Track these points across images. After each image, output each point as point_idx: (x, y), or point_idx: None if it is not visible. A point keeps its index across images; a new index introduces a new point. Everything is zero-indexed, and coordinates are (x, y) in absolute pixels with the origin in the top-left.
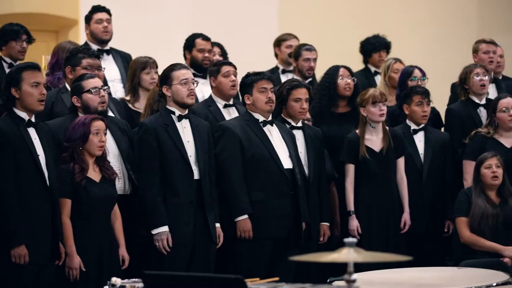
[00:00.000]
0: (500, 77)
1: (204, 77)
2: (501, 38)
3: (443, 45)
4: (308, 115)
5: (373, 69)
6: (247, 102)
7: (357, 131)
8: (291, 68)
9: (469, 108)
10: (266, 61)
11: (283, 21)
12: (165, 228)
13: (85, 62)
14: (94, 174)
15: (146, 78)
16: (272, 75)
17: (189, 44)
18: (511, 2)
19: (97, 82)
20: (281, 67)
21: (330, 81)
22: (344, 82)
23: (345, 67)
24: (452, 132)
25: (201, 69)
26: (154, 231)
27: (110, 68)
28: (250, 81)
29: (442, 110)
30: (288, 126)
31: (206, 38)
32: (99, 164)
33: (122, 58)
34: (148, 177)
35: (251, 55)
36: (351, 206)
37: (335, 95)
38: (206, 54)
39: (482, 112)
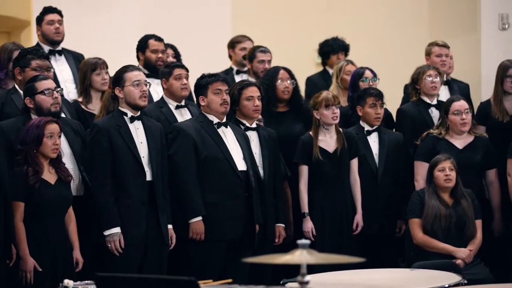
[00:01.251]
0: (449, 79)
1: (158, 78)
2: (453, 40)
3: (395, 46)
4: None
5: (331, 71)
6: (202, 103)
7: (310, 132)
8: (245, 69)
9: (420, 108)
10: (220, 63)
11: (236, 23)
12: (117, 230)
13: (34, 63)
14: (49, 176)
15: (97, 79)
16: (226, 76)
17: (142, 45)
18: (462, 4)
19: (50, 83)
20: (235, 68)
21: (269, 82)
22: (283, 85)
23: (285, 69)
24: (404, 133)
25: (155, 70)
26: (106, 232)
27: (63, 69)
28: (205, 82)
29: (394, 111)
30: (242, 127)
31: (159, 39)
32: (55, 166)
33: (75, 59)
34: (100, 178)
35: (205, 56)
36: (305, 207)
37: (273, 96)
38: (160, 55)
39: (434, 113)
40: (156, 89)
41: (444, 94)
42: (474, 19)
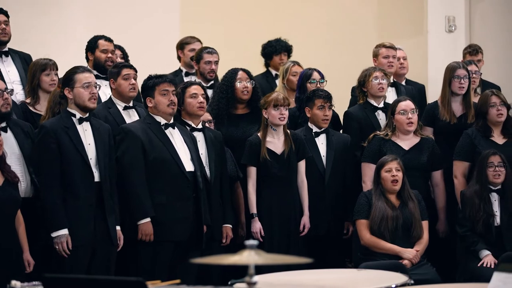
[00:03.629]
0: (404, 80)
1: (107, 79)
2: (401, 42)
3: (343, 48)
4: (209, 116)
5: (274, 72)
6: (149, 105)
7: (259, 133)
8: (194, 70)
9: (367, 111)
10: (169, 64)
11: (185, 24)
12: (64, 231)
13: None
14: None
15: (46, 80)
16: (175, 77)
17: (92, 45)
18: (410, 7)
19: (0, 84)
20: (184, 70)
21: (228, 84)
22: (242, 85)
23: (244, 70)
24: (350, 135)
25: (104, 70)
26: (54, 234)
27: (9, 70)
28: (151, 84)
29: (341, 113)
30: (188, 128)
31: (109, 39)
32: (0, 167)
33: (22, 59)
34: (48, 179)
35: (154, 58)
36: (253, 208)
37: (233, 97)
38: (109, 55)
39: (380, 115)
40: (105, 91)
41: (391, 96)
42: (421, 21)
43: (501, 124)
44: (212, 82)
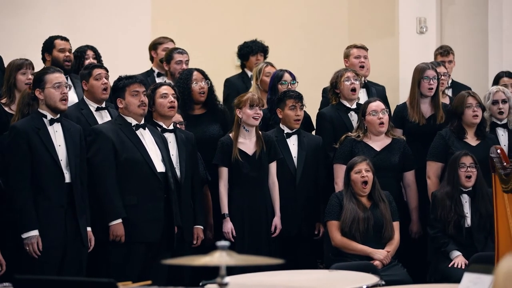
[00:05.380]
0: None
1: (67, 79)
2: (372, 44)
3: (315, 49)
4: (180, 118)
5: (249, 73)
6: (120, 106)
7: (230, 134)
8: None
9: (340, 112)
10: (140, 65)
11: (156, 24)
12: (35, 232)
13: None
14: None
15: (21, 79)
16: (146, 78)
17: (48, 46)
18: (381, 8)
19: None
20: (156, 70)
21: (184, 85)
22: (199, 86)
23: (198, 70)
24: (323, 136)
25: (63, 70)
26: (24, 235)
27: None
28: (122, 85)
29: (313, 114)
30: (159, 129)
31: (65, 39)
32: None
33: None
34: (19, 180)
35: (126, 58)
36: (225, 208)
37: (189, 99)
38: (67, 54)
39: (353, 117)
40: None
41: (362, 97)
42: (392, 23)
43: (475, 126)
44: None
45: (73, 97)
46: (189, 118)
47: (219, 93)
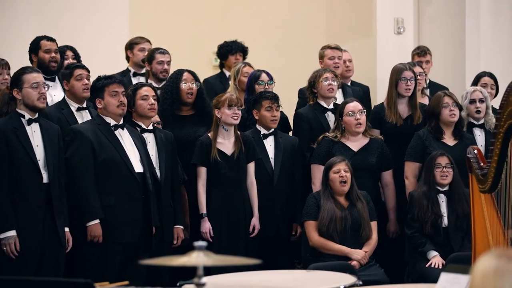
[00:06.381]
0: (349, 82)
1: (53, 80)
2: (350, 44)
3: (292, 50)
4: (157, 118)
5: (228, 73)
6: (99, 106)
7: (209, 134)
8: (143, 71)
9: (317, 112)
10: (117, 64)
11: (134, 24)
12: (12, 233)
13: None
14: None
15: None
16: (123, 78)
17: (35, 46)
18: (358, 8)
19: None
20: (132, 70)
21: (173, 85)
22: (187, 86)
23: (189, 71)
24: (300, 137)
25: (48, 71)
26: (2, 236)
27: None
28: (101, 85)
29: (290, 114)
30: (139, 129)
31: (51, 39)
32: None
33: None
34: None
35: (103, 58)
36: (203, 208)
37: (178, 99)
38: (53, 54)
39: (330, 117)
40: (50, 92)
41: (338, 97)
42: (370, 23)
43: (453, 125)
44: (164, 82)
45: (60, 97)
46: (176, 118)
47: None
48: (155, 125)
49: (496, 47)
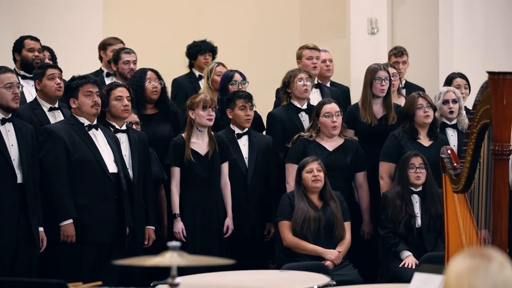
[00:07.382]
0: (329, 82)
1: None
2: (324, 44)
3: (266, 50)
4: (136, 118)
5: (197, 73)
6: (73, 106)
7: (183, 134)
8: None
9: (290, 112)
10: (92, 65)
11: (108, 25)
12: None
13: None
14: None
15: None
16: (97, 78)
17: (18, 45)
18: (332, 9)
19: None
20: (105, 70)
21: (137, 84)
22: (152, 85)
23: (152, 70)
24: (274, 136)
25: (32, 70)
26: None
27: None
28: (75, 85)
29: (264, 114)
30: (112, 129)
31: (35, 38)
32: None
33: None
34: None
35: (77, 58)
36: (176, 208)
37: (142, 98)
38: (36, 53)
39: (304, 117)
40: (31, 91)
41: (315, 97)
42: (343, 24)
43: (428, 126)
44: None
45: None
46: (141, 117)
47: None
48: (134, 125)
49: (469, 47)
